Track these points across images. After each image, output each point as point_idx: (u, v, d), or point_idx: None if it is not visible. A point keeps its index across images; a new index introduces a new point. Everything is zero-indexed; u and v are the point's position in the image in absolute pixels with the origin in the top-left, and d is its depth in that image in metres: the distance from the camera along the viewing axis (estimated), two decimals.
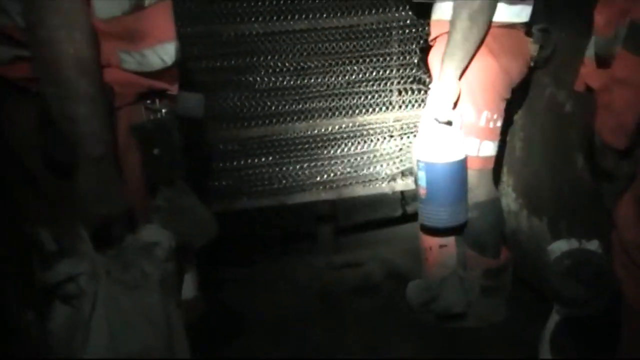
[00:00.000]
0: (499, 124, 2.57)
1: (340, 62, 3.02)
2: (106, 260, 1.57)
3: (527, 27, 2.54)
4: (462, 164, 2.48)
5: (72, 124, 1.53)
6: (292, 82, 3.01)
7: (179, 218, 1.76)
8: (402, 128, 3.15)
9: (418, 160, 2.51)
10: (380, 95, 3.09)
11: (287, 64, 2.98)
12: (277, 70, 2.98)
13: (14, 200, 1.78)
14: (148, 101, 1.79)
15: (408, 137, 3.14)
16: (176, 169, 1.83)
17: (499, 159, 2.71)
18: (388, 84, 3.08)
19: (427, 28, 2.84)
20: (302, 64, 3.00)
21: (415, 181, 2.58)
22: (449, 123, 2.46)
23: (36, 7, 1.47)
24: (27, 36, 1.51)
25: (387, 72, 3.07)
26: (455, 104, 2.46)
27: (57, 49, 1.49)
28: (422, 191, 2.52)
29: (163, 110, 1.81)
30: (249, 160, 3.07)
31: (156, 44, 1.73)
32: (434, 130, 2.48)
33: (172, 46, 1.78)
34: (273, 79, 2.98)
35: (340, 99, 3.07)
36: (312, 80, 3.02)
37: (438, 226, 2.55)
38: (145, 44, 1.70)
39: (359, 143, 3.15)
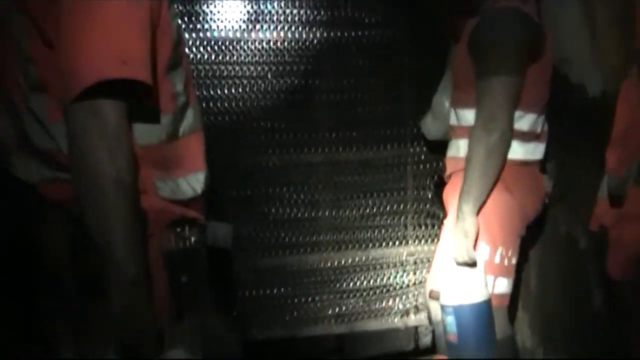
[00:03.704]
0: (514, 261, 2.54)
1: (354, 196, 3.06)
2: None
3: (541, 164, 2.59)
4: (490, 303, 2.43)
5: (109, 247, 1.53)
6: (305, 214, 3.03)
7: (204, 344, 1.74)
8: (415, 262, 3.15)
9: (444, 306, 2.44)
10: (394, 229, 3.11)
11: (301, 196, 3.02)
12: (292, 201, 3.01)
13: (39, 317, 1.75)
14: (178, 229, 1.80)
15: (421, 272, 3.13)
16: (203, 296, 1.81)
17: (514, 295, 2.68)
18: (402, 218, 3.10)
19: (441, 163, 2.90)
20: (316, 196, 3.04)
21: (444, 328, 2.48)
22: (473, 263, 2.44)
23: (82, 130, 1.50)
24: (70, 158, 1.53)
25: (401, 206, 3.10)
26: (476, 242, 2.44)
27: (100, 173, 1.50)
28: (453, 337, 2.43)
29: (192, 239, 1.81)
30: (260, 291, 3.04)
31: (189, 173, 1.76)
32: (456, 271, 2.45)
33: (203, 175, 1.81)
34: (288, 210, 3.01)
35: (353, 232, 3.08)
36: (326, 213, 3.05)
37: None
38: (179, 173, 1.74)
39: (371, 277, 3.14)
